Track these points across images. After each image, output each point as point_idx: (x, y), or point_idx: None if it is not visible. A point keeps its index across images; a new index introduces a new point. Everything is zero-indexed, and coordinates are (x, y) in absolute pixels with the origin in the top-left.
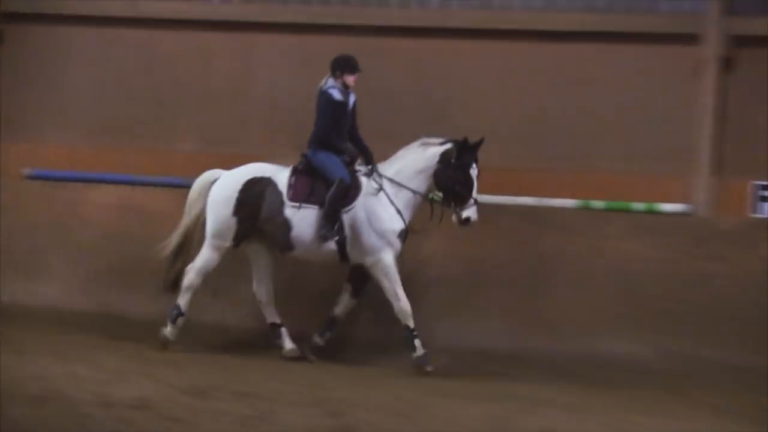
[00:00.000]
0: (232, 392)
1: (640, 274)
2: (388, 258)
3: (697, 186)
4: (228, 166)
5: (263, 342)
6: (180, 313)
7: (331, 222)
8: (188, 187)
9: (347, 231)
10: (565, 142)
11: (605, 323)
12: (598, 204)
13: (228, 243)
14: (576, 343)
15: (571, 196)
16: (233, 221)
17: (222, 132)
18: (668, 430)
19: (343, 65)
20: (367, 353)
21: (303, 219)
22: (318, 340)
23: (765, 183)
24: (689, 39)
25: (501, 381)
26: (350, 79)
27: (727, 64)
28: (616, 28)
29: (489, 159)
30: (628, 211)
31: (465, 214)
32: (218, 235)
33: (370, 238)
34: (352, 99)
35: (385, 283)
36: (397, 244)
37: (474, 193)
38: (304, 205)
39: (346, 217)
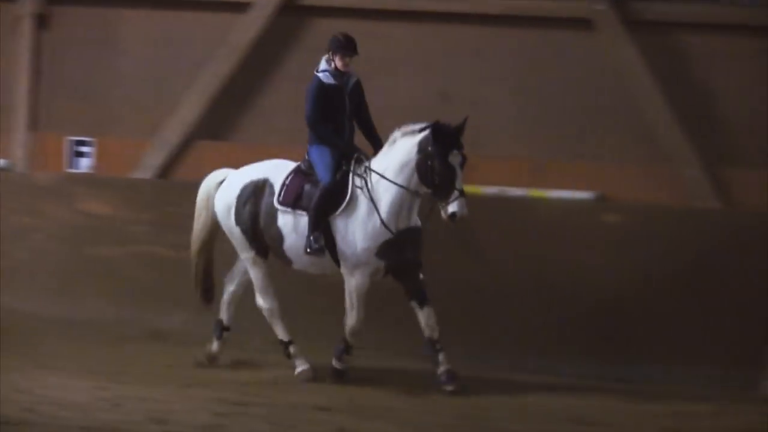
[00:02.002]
0: None
1: None
2: (358, 278)
3: (14, 142)
4: None
5: None
6: (287, 343)
7: (315, 231)
8: None
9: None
10: None
11: None
12: None
13: (252, 254)
14: None
15: None
16: (238, 231)
17: None
18: None
19: (334, 46)
20: None
21: (294, 227)
22: (439, 369)
23: (79, 138)
24: None
25: None
26: (340, 62)
27: (41, 21)
28: None
29: None
30: None
31: (450, 208)
32: (241, 248)
33: (346, 250)
34: (351, 82)
35: (347, 298)
36: (374, 262)
37: (457, 184)
38: (293, 210)
39: (333, 224)
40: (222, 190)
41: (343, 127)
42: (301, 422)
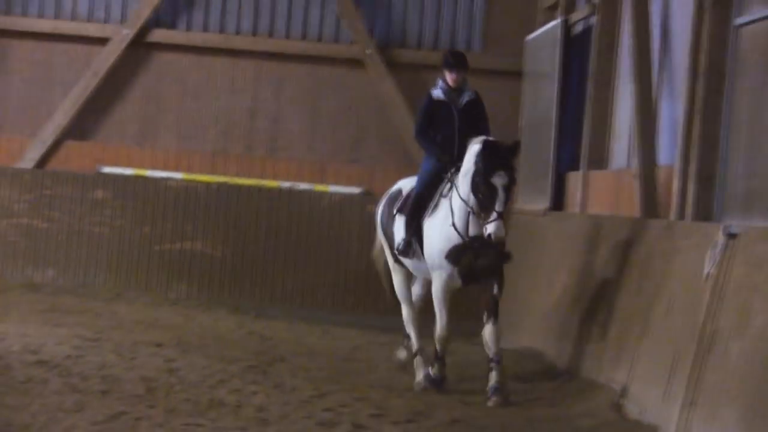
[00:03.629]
0: None
1: None
2: (437, 281)
3: None
4: None
5: None
6: (415, 353)
7: (406, 234)
8: None
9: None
10: None
11: None
12: None
13: (392, 260)
14: None
15: None
16: (380, 234)
17: None
18: None
19: (442, 63)
20: None
21: (397, 231)
22: (489, 382)
23: None
24: None
25: None
26: (449, 77)
27: None
28: None
29: None
30: None
31: (487, 229)
32: (387, 251)
33: (425, 252)
34: (465, 98)
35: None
36: (445, 266)
37: (497, 206)
38: (401, 215)
39: (423, 229)
40: None
41: (452, 140)
42: (139, 354)
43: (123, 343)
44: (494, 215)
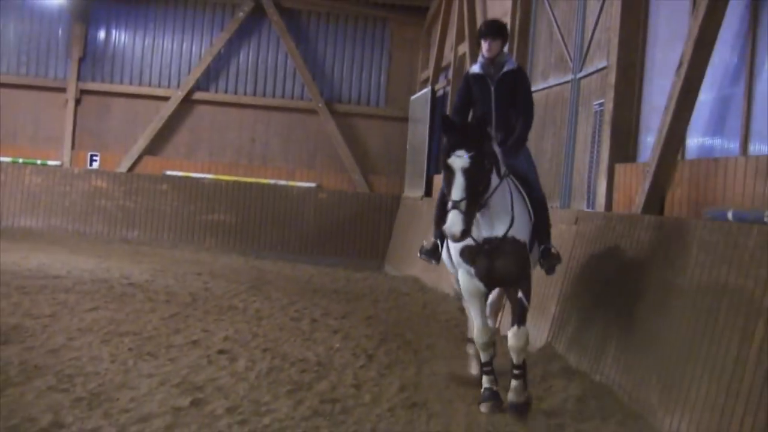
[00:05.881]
0: None
1: None
2: (460, 280)
3: None
4: None
5: None
6: (468, 340)
7: (435, 236)
8: None
9: None
10: None
11: None
12: None
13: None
14: None
15: None
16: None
17: None
18: None
19: (477, 33)
20: None
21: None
22: (509, 394)
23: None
24: None
25: None
26: (484, 48)
27: None
28: None
29: None
30: None
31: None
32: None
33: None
34: (502, 71)
35: None
36: (463, 265)
37: (453, 192)
38: None
39: None
40: None
41: (489, 118)
42: (187, 279)
43: (178, 273)
44: (449, 204)
